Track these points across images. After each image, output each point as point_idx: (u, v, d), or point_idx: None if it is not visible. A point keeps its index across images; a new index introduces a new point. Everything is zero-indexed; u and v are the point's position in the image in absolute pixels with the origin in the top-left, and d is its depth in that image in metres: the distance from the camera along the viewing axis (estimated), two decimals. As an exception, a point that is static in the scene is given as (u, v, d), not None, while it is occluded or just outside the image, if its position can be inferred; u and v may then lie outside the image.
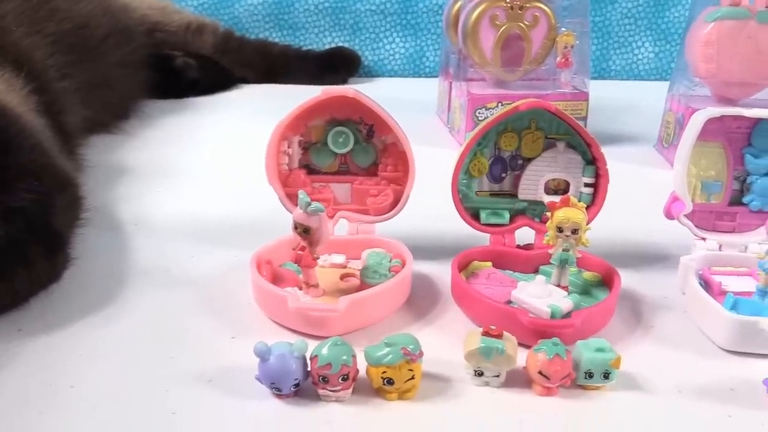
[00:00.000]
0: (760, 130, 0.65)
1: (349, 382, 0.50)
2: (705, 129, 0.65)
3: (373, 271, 0.62)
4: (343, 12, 1.43)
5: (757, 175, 0.66)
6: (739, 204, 0.67)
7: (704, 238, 0.67)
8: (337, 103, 0.66)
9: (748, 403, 0.51)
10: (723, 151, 0.66)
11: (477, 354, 0.51)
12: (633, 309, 0.63)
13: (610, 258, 0.69)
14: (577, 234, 0.59)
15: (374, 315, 0.59)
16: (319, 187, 0.69)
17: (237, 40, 1.37)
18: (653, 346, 0.58)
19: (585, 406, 0.51)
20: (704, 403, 0.51)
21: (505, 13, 0.98)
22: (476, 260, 0.66)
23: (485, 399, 0.51)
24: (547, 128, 0.66)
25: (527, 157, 0.67)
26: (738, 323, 0.56)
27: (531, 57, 1.01)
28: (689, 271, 0.62)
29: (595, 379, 0.51)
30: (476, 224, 0.67)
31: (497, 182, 0.69)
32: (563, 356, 0.50)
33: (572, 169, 0.67)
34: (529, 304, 0.58)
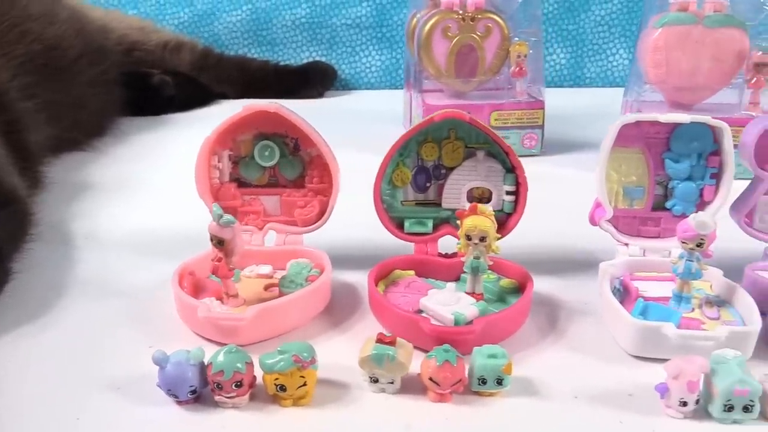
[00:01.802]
0: (678, 134, 0.65)
1: (244, 389, 0.51)
2: (624, 135, 0.66)
3: (290, 281, 0.63)
4: (319, 27, 1.46)
5: (678, 180, 0.66)
6: (663, 209, 0.68)
7: (627, 243, 0.67)
8: (262, 117, 0.68)
9: (643, 408, 0.51)
10: (643, 157, 0.66)
11: (369, 360, 0.52)
12: (550, 315, 0.64)
13: (539, 264, 0.70)
14: (486, 241, 0.60)
15: (286, 323, 0.60)
16: (249, 199, 0.71)
17: (215, 57, 1.40)
18: (561, 352, 0.58)
19: (476, 412, 0.51)
20: (598, 408, 0.51)
21: (457, 24, 1.00)
22: (398, 269, 0.67)
23: (379, 405, 0.52)
24: (467, 138, 0.67)
25: (449, 166, 0.68)
26: (641, 329, 0.56)
27: (485, 67, 1.02)
28: (605, 277, 0.63)
29: (489, 385, 0.52)
30: (400, 233, 0.68)
31: (422, 192, 0.70)
32: (453, 362, 0.51)
33: (493, 178, 0.68)
34: (434, 312, 0.58)
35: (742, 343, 0.55)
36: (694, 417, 0.50)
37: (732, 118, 0.88)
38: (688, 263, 0.59)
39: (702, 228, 0.57)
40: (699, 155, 0.65)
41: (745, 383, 0.48)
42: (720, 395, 0.48)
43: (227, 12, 1.45)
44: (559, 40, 1.46)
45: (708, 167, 0.65)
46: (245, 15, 1.46)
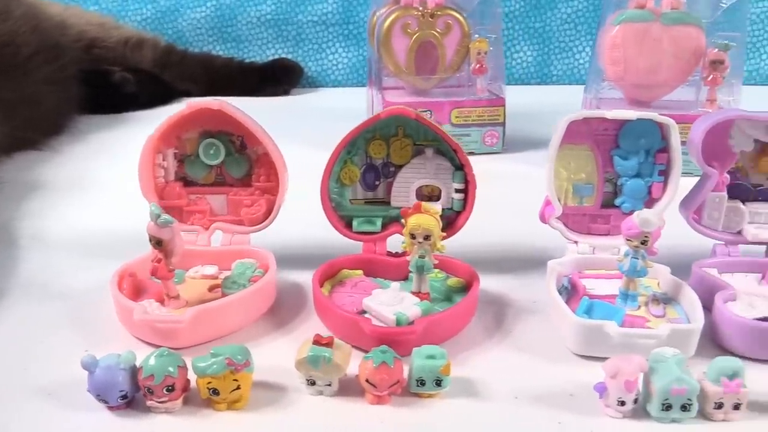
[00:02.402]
0: (626, 131, 0.65)
1: (176, 393, 0.50)
2: (572, 132, 0.65)
3: (232, 281, 0.62)
4: (285, 24, 1.44)
5: (626, 177, 0.66)
6: (612, 206, 0.67)
7: (576, 241, 0.66)
8: (207, 115, 0.66)
9: (584, 409, 0.50)
10: (592, 154, 0.66)
11: (305, 363, 0.51)
12: (498, 314, 0.63)
13: (489, 263, 0.70)
14: (431, 240, 0.59)
15: (227, 325, 0.59)
16: (195, 198, 0.69)
17: (178, 54, 1.38)
18: (506, 352, 0.57)
19: (414, 413, 0.50)
20: (538, 409, 0.50)
21: (416, 21, 0.99)
22: (346, 269, 0.66)
23: (316, 408, 0.51)
24: (415, 135, 0.66)
25: (397, 164, 0.67)
26: (584, 327, 0.55)
27: (446, 64, 1.01)
28: (552, 275, 0.62)
29: (428, 387, 0.51)
30: (348, 232, 0.67)
31: (371, 190, 0.68)
32: (390, 364, 0.50)
33: (442, 175, 0.67)
34: (377, 312, 0.57)
35: (685, 340, 0.54)
36: (634, 416, 0.49)
37: (689, 115, 0.89)
38: (633, 261, 0.59)
39: (645, 225, 0.56)
40: (647, 152, 0.65)
41: (682, 382, 0.48)
42: (658, 394, 0.48)
43: (191, 8, 1.43)
44: (525, 37, 1.46)
45: (656, 164, 0.65)
46: (209, 11, 1.44)
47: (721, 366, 0.49)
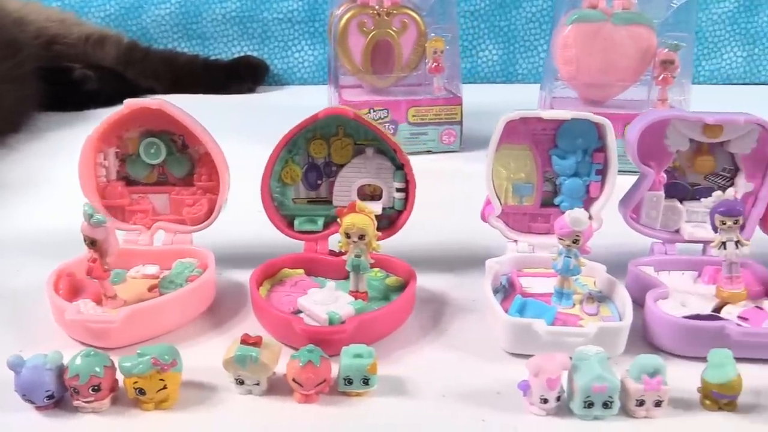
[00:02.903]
0: (563, 131, 0.65)
1: (103, 393, 0.50)
2: (511, 131, 0.66)
3: (169, 281, 0.62)
4: (251, 21, 1.44)
5: (564, 176, 0.66)
6: (552, 205, 0.68)
7: (516, 240, 0.67)
8: (148, 114, 0.66)
9: (510, 406, 0.51)
10: (530, 153, 0.66)
11: (232, 362, 0.51)
12: (436, 312, 0.63)
13: (432, 262, 0.71)
14: (366, 239, 0.59)
15: (162, 325, 0.59)
16: (137, 198, 0.69)
17: (141, 51, 1.37)
18: (439, 350, 0.58)
19: (341, 412, 0.50)
20: (463, 407, 0.51)
21: (372, 19, 0.99)
22: (287, 268, 0.66)
23: (244, 407, 0.51)
24: (356, 135, 0.67)
25: (339, 163, 0.68)
26: (513, 325, 0.56)
27: (402, 63, 1.01)
28: (490, 274, 0.63)
29: (356, 385, 0.51)
30: (290, 231, 0.67)
31: (313, 189, 0.69)
32: (317, 363, 0.50)
33: (383, 175, 0.67)
34: (310, 311, 0.58)
35: (613, 339, 0.55)
36: (558, 414, 0.50)
37: (641, 114, 0.89)
38: (566, 259, 0.59)
39: (576, 224, 0.57)
40: (584, 152, 0.65)
41: (602, 380, 0.48)
42: (579, 392, 0.49)
43: (155, 5, 1.42)
44: (491, 36, 1.47)
45: (593, 163, 0.65)
46: (174, 8, 1.43)
47: (643, 364, 0.50)
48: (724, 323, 0.55)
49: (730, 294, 0.61)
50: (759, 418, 0.50)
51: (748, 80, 1.49)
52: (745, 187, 0.66)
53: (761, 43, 1.47)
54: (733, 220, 0.59)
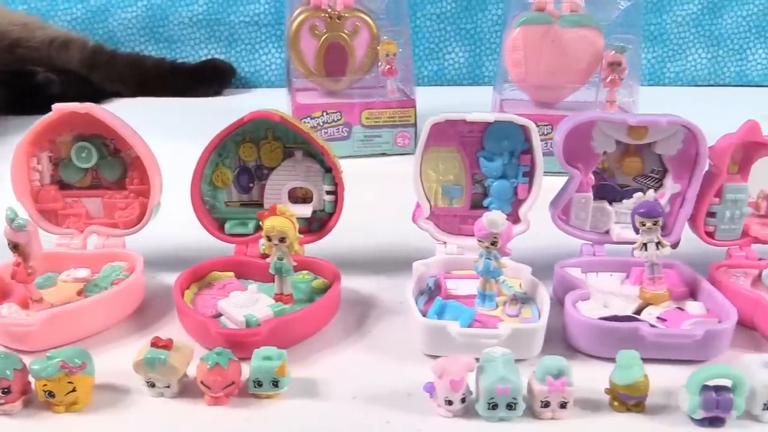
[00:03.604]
0: (490, 133, 0.66)
1: (13, 396, 0.50)
2: (439, 134, 0.66)
3: (94, 284, 0.62)
4: (217, 24, 1.44)
5: (492, 178, 0.67)
6: (482, 207, 0.68)
7: (445, 242, 0.67)
8: (78, 119, 0.66)
9: (418, 408, 0.51)
10: (459, 156, 0.67)
11: (142, 365, 0.51)
12: (362, 314, 0.63)
13: (364, 264, 0.71)
14: (287, 242, 0.59)
15: (84, 328, 0.59)
16: (71, 201, 0.69)
17: (107, 55, 1.37)
18: (358, 352, 0.58)
19: (249, 414, 0.51)
20: (371, 409, 0.51)
21: (324, 23, 0.99)
22: (216, 270, 0.66)
23: (154, 409, 0.51)
24: (285, 138, 0.67)
25: (269, 166, 0.68)
26: (428, 327, 0.56)
27: (355, 66, 1.02)
28: (414, 276, 0.63)
29: (265, 388, 0.51)
30: (221, 234, 0.68)
31: (246, 192, 0.69)
32: (224, 366, 0.50)
33: (313, 178, 0.67)
34: (228, 314, 0.58)
35: (527, 340, 0.55)
36: (465, 416, 0.50)
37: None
38: (486, 261, 0.59)
39: (492, 226, 0.57)
40: (511, 153, 0.66)
41: (505, 381, 0.48)
42: (483, 393, 0.49)
43: (122, 8, 1.42)
44: (457, 39, 1.47)
45: (520, 165, 0.66)
46: (140, 11, 1.43)
47: (547, 365, 0.50)
48: (638, 325, 0.56)
49: (652, 295, 0.62)
50: (666, 419, 0.51)
51: (713, 82, 1.50)
52: (672, 188, 0.66)
53: (725, 45, 1.48)
54: (653, 221, 0.59)
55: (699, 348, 0.55)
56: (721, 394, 0.49)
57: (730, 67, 1.48)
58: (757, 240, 0.68)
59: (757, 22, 1.46)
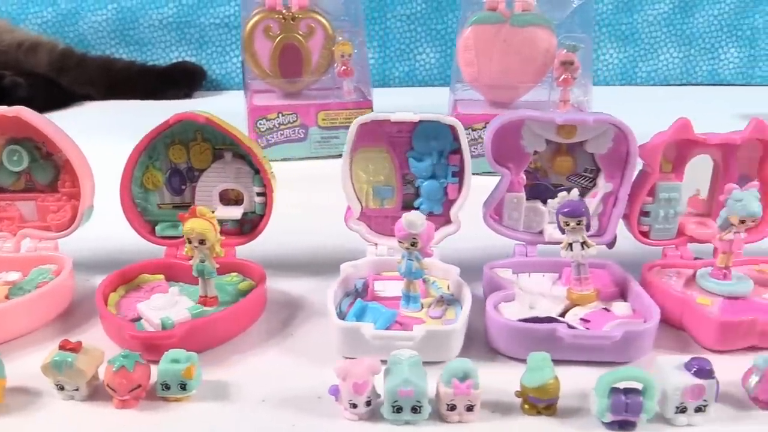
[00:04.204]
0: (418, 134, 0.65)
1: None
2: (368, 134, 0.65)
3: (18, 287, 0.62)
4: (188, 26, 1.44)
5: (422, 179, 0.66)
6: (413, 208, 0.67)
7: (376, 243, 0.67)
8: (8, 122, 0.66)
9: (326, 411, 0.51)
10: (388, 156, 0.66)
11: (49, 367, 0.50)
12: (289, 316, 0.63)
13: (299, 265, 0.70)
14: (206, 244, 0.59)
15: (5, 331, 0.58)
16: (4, 205, 0.69)
17: (76, 58, 1.37)
18: (278, 355, 0.58)
19: (155, 418, 0.50)
20: (278, 411, 0.51)
21: (278, 24, 0.99)
22: (146, 273, 0.66)
23: (62, 412, 0.51)
24: (213, 139, 0.66)
25: (199, 168, 0.67)
26: (343, 329, 0.55)
27: (311, 67, 1.01)
28: (340, 277, 0.62)
29: (173, 390, 0.51)
30: (152, 237, 0.67)
31: (178, 194, 0.68)
32: (130, 369, 0.50)
33: (243, 179, 0.67)
34: (146, 316, 0.58)
35: (443, 342, 0.55)
36: (371, 419, 0.50)
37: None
38: (408, 263, 0.59)
39: (411, 227, 0.57)
40: (440, 153, 0.65)
41: (408, 384, 0.48)
42: (387, 396, 0.48)
43: (92, 11, 1.42)
44: (428, 39, 1.46)
45: (449, 165, 0.65)
46: (111, 14, 1.43)
47: (453, 368, 0.49)
48: (556, 326, 0.55)
49: (579, 296, 0.61)
50: (576, 423, 0.50)
51: (685, 81, 1.48)
52: (605, 187, 0.65)
53: (697, 44, 1.46)
54: (576, 221, 0.58)
55: (619, 349, 0.55)
56: (630, 397, 0.48)
57: (702, 66, 1.47)
58: (692, 239, 0.67)
59: (728, 21, 1.45)
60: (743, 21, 1.45)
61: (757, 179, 0.67)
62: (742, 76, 1.48)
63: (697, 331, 0.59)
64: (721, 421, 0.50)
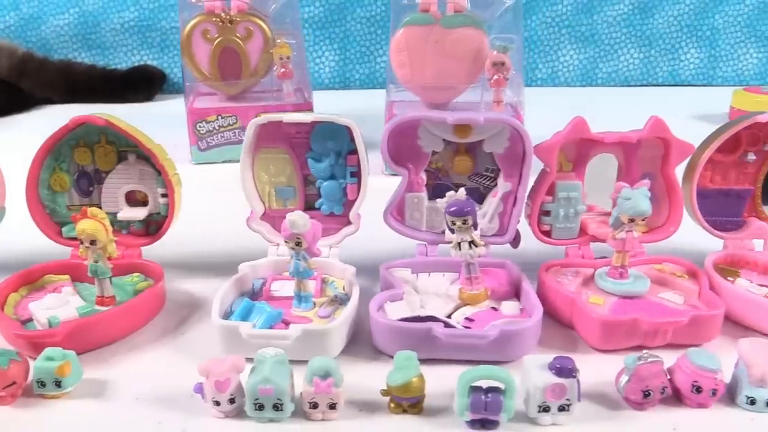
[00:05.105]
0: (316, 135, 0.65)
1: None
2: (269, 135, 0.66)
3: None
4: (149, 30, 1.45)
5: (321, 179, 0.66)
6: (315, 208, 0.68)
7: (278, 243, 0.67)
8: None
9: (196, 409, 0.51)
10: (289, 157, 0.67)
11: (-75, 366, 0.52)
12: (186, 316, 0.64)
13: (209, 266, 0.71)
14: (98, 245, 0.59)
15: None
16: None
17: (36, 62, 1.38)
18: (165, 354, 0.58)
19: (30, 415, 0.51)
20: (151, 410, 0.51)
21: (216, 27, 1.00)
22: (50, 273, 0.66)
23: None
24: (117, 141, 0.67)
25: (104, 170, 0.68)
26: (222, 328, 0.56)
27: (250, 70, 1.02)
28: (236, 277, 0.63)
29: (49, 388, 0.51)
30: (59, 238, 0.68)
31: (87, 196, 0.69)
32: (4, 366, 0.50)
33: (147, 181, 0.68)
34: (35, 316, 0.58)
35: (319, 341, 0.55)
36: (238, 417, 0.50)
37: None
38: (295, 262, 0.59)
39: (293, 227, 0.57)
40: (338, 154, 0.65)
41: (268, 382, 0.48)
42: (248, 394, 0.49)
43: (54, 15, 1.44)
44: (327, 42, 1.47)
45: (348, 166, 0.65)
46: (73, 18, 1.44)
47: (316, 366, 0.49)
48: (431, 325, 0.55)
49: (469, 295, 0.61)
50: (440, 422, 0.50)
51: (646, 82, 1.48)
52: (504, 186, 0.66)
53: (657, 45, 1.46)
54: (462, 220, 0.59)
55: (497, 349, 0.55)
56: (491, 395, 0.48)
57: (662, 66, 1.46)
58: (595, 239, 0.67)
59: (688, 22, 1.44)
60: (703, 21, 1.45)
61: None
62: (702, 76, 1.47)
63: (583, 330, 0.59)
64: (587, 420, 0.50)
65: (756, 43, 1.46)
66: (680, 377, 0.51)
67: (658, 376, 0.51)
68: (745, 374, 0.51)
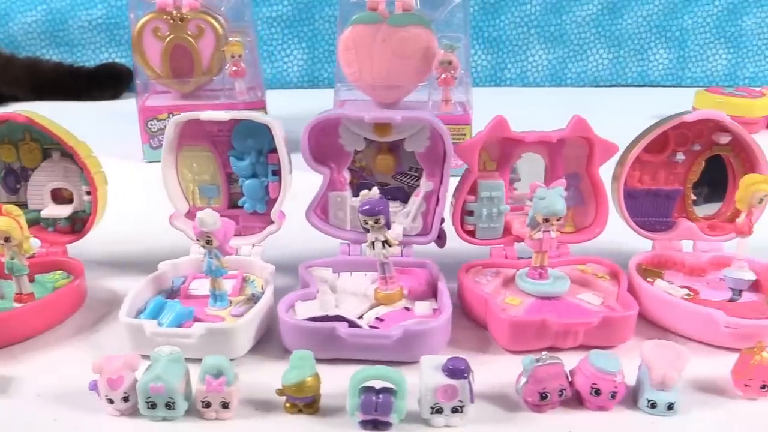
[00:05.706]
0: (236, 133, 0.65)
1: None
2: (191, 133, 0.66)
3: None
4: (117, 28, 1.45)
5: (244, 177, 0.66)
6: (239, 207, 0.68)
7: (201, 242, 0.67)
8: None
9: (89, 406, 0.51)
10: (211, 155, 0.66)
11: None
12: (106, 313, 0.63)
13: (136, 264, 0.71)
14: (12, 242, 0.59)
15: None
16: None
17: (3, 59, 1.38)
18: (74, 352, 0.58)
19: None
20: (46, 407, 0.51)
21: (167, 25, 0.99)
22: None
23: None
24: (42, 139, 0.67)
25: (29, 167, 0.68)
26: (128, 326, 0.56)
27: (203, 68, 1.02)
28: (154, 275, 0.63)
29: (-52, 386, 0.52)
30: (-15, 235, 0.68)
31: (14, 193, 0.69)
32: None
33: (71, 178, 0.68)
34: (-53, 313, 0.58)
35: (223, 339, 0.55)
36: (133, 414, 0.50)
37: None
38: (208, 261, 0.59)
39: (202, 225, 0.57)
40: (259, 152, 0.65)
41: (159, 380, 0.48)
42: (140, 392, 0.48)
43: (21, 12, 1.44)
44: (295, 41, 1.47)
45: (269, 164, 0.65)
46: (41, 15, 1.44)
47: (208, 365, 0.49)
48: (335, 325, 0.55)
49: (384, 295, 0.61)
50: (333, 422, 0.50)
51: (615, 82, 1.47)
52: (426, 186, 0.65)
53: (626, 45, 1.45)
54: (374, 219, 0.58)
55: (402, 348, 0.54)
56: (382, 396, 0.48)
57: (631, 67, 1.45)
58: (519, 239, 0.67)
59: (657, 22, 1.43)
60: (672, 22, 1.44)
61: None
62: (672, 77, 1.46)
63: (494, 330, 0.59)
64: (483, 421, 0.50)
65: (725, 43, 1.45)
66: (580, 380, 0.51)
67: (557, 378, 0.50)
68: (647, 377, 0.51)
